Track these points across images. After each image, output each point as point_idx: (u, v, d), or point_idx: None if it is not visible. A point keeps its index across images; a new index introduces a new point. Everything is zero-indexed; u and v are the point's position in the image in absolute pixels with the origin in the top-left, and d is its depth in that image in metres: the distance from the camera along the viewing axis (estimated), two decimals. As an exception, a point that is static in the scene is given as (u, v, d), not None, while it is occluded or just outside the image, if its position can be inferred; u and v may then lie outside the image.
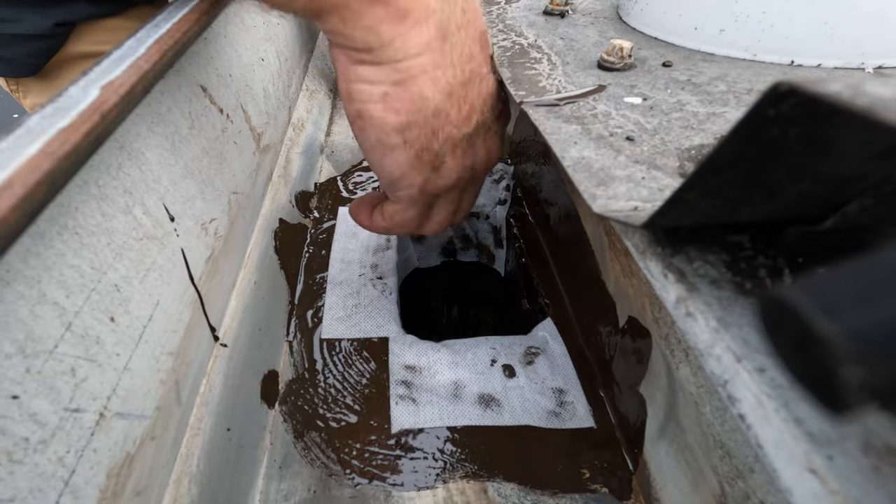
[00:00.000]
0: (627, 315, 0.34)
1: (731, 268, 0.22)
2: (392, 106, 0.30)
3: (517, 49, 0.47)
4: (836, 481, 0.15)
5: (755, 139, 0.15)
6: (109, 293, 0.23)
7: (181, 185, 0.32)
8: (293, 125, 0.63)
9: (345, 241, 0.53)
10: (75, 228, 0.22)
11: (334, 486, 0.33)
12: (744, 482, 0.23)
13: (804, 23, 0.41)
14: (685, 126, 0.33)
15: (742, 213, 0.21)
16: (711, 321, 0.20)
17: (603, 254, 0.38)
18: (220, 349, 0.34)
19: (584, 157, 0.30)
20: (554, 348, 0.43)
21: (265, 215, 0.47)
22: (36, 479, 0.18)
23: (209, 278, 0.34)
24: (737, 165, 0.17)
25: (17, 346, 0.18)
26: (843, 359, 0.08)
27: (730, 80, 0.40)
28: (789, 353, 0.10)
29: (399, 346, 0.42)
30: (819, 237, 0.21)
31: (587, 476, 0.34)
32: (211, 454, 0.30)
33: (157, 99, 0.31)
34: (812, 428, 0.16)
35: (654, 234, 0.23)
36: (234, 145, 0.41)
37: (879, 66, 0.42)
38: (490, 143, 0.35)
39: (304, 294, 0.48)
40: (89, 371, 0.21)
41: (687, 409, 0.28)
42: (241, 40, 0.49)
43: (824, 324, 0.09)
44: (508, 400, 0.38)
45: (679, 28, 0.47)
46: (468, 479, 0.34)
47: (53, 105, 0.21)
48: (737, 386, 0.18)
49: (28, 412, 0.18)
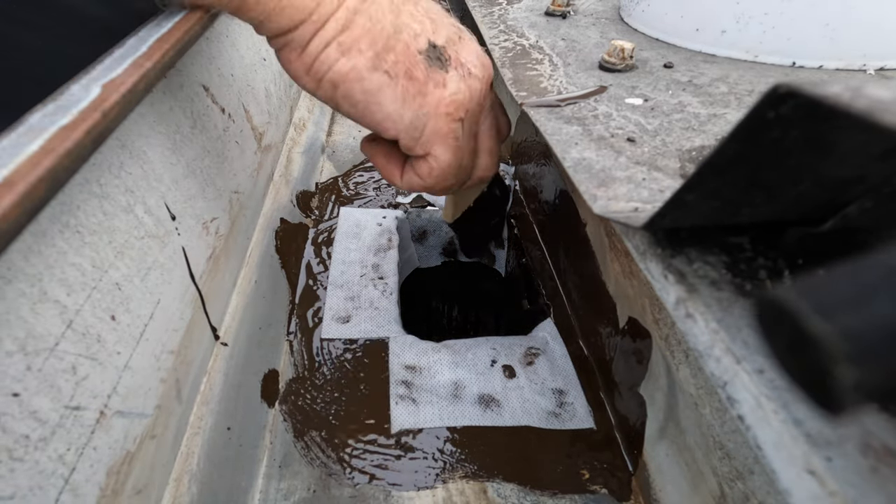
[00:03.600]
0: (627, 316, 0.34)
1: (732, 269, 0.22)
2: (352, 49, 0.29)
3: (518, 50, 0.47)
4: (835, 482, 0.15)
5: (755, 141, 0.15)
6: (110, 291, 0.24)
7: (183, 184, 0.32)
8: (294, 125, 0.63)
9: (346, 241, 0.53)
10: (77, 227, 0.22)
11: (334, 486, 0.33)
12: (743, 483, 0.23)
13: (806, 24, 0.41)
14: (686, 127, 0.33)
15: (742, 214, 0.21)
16: (711, 322, 0.20)
17: (603, 255, 0.38)
18: (221, 348, 0.34)
19: (585, 158, 0.30)
20: (554, 349, 0.43)
21: (266, 215, 0.47)
22: (36, 477, 0.18)
23: (210, 277, 0.34)
24: (737, 167, 0.17)
25: (18, 344, 0.18)
26: (837, 359, 0.09)
27: (731, 82, 0.40)
28: (785, 354, 0.10)
29: (399, 346, 0.42)
30: (819, 239, 0.21)
31: (587, 477, 0.34)
32: (211, 453, 0.30)
33: (158, 98, 0.31)
34: (811, 429, 0.16)
35: (654, 236, 0.23)
36: (235, 145, 0.41)
37: (881, 67, 0.42)
38: (469, 52, 0.33)
39: (304, 293, 0.48)
40: (90, 369, 0.22)
41: (687, 410, 0.28)
42: (242, 40, 0.49)
43: (818, 324, 0.09)
44: (508, 400, 0.38)
45: (680, 29, 0.47)
46: (468, 480, 0.34)
47: (55, 103, 0.21)
48: (736, 387, 0.18)
49: (28, 410, 0.18)
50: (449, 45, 0.32)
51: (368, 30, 0.29)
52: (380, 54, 0.29)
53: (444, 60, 0.31)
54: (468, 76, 0.32)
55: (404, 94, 0.30)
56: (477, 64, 0.33)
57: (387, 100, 0.30)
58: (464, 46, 0.33)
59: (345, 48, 0.29)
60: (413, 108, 0.31)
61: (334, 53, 0.29)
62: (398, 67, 0.30)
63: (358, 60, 0.29)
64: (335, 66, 0.29)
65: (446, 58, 0.32)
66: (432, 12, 0.32)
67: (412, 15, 0.31)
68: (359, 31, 0.29)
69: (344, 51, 0.29)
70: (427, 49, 0.31)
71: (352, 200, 0.60)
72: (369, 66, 0.29)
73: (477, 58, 0.33)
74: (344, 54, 0.29)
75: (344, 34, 0.29)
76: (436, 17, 0.32)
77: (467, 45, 0.33)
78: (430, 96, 0.31)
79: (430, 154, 0.34)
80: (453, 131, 0.33)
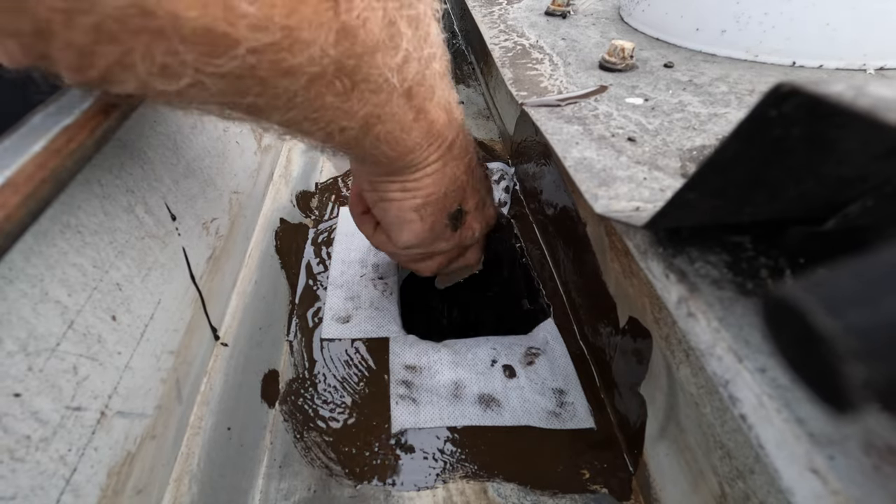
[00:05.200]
0: (628, 315, 0.34)
1: (733, 268, 0.22)
2: (409, 192, 0.36)
3: (519, 49, 0.47)
4: (838, 481, 0.15)
5: (757, 140, 0.15)
6: (111, 292, 0.24)
7: (183, 184, 0.32)
8: (294, 125, 0.63)
9: (346, 241, 0.53)
10: (78, 227, 0.22)
11: (334, 486, 0.33)
12: (744, 483, 0.23)
13: (806, 24, 0.41)
14: (687, 127, 0.33)
15: (744, 213, 0.21)
16: (713, 321, 0.20)
17: (604, 254, 0.38)
18: (221, 348, 0.34)
19: (586, 158, 0.30)
20: (554, 349, 0.43)
21: (266, 215, 0.47)
22: (37, 477, 0.18)
23: (210, 277, 0.34)
24: (739, 166, 0.17)
25: (20, 344, 0.18)
26: (845, 356, 0.09)
27: (731, 81, 0.40)
28: (792, 352, 0.10)
29: (399, 345, 0.42)
30: (821, 238, 0.21)
31: (587, 476, 0.34)
32: (211, 453, 0.30)
33: (159, 98, 0.31)
34: (813, 428, 0.16)
35: (655, 235, 0.23)
36: (235, 145, 0.41)
37: (881, 67, 0.42)
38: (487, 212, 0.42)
39: (304, 294, 0.48)
40: (91, 369, 0.22)
41: (687, 409, 0.28)
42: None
43: (827, 321, 0.09)
44: (508, 400, 0.38)
45: (681, 29, 0.47)
46: (468, 480, 0.34)
47: (57, 103, 0.21)
48: (738, 386, 0.18)
49: (30, 410, 0.18)
50: (472, 212, 0.40)
51: (428, 187, 0.36)
52: (425, 205, 0.36)
53: (459, 224, 0.40)
54: (470, 237, 0.41)
55: (419, 233, 0.38)
56: (483, 227, 0.42)
57: (407, 231, 0.38)
58: (483, 213, 0.41)
59: (406, 190, 0.36)
60: (418, 241, 0.39)
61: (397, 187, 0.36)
62: (429, 218, 0.37)
63: (408, 199, 0.36)
64: (391, 192, 0.36)
65: (462, 222, 0.40)
66: (475, 180, 0.39)
67: (462, 187, 0.38)
68: (422, 186, 0.36)
69: (404, 190, 0.36)
70: (454, 214, 0.38)
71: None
72: (413, 207, 0.36)
73: (488, 220, 0.42)
74: (402, 191, 0.36)
75: (412, 183, 0.35)
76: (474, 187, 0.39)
77: (487, 211, 0.42)
78: (434, 242, 0.40)
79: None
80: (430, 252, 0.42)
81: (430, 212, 0.37)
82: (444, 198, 0.37)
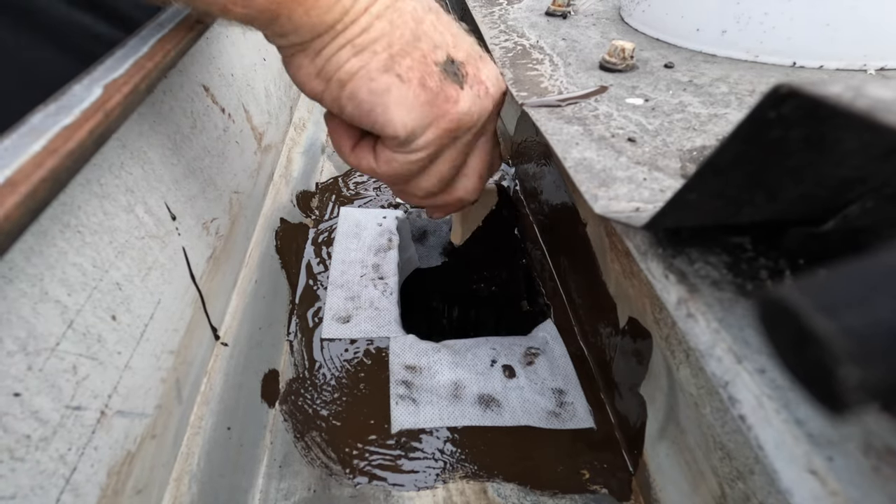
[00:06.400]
0: (628, 316, 0.34)
1: (733, 269, 0.22)
2: (366, 50, 0.28)
3: (519, 50, 0.47)
4: (837, 482, 0.15)
5: (757, 141, 0.15)
6: (111, 291, 0.24)
7: (183, 184, 0.32)
8: (294, 125, 0.63)
9: (346, 241, 0.53)
10: (77, 226, 0.22)
11: (334, 486, 0.33)
12: (744, 483, 0.23)
13: (806, 24, 0.41)
14: (687, 127, 0.33)
15: (744, 214, 0.21)
16: (712, 322, 0.20)
17: (603, 255, 0.38)
18: (221, 348, 0.34)
19: (586, 158, 0.30)
20: (554, 349, 0.43)
21: (266, 215, 0.47)
22: (37, 477, 0.18)
23: (210, 277, 0.34)
24: (738, 167, 0.17)
25: (19, 344, 0.18)
26: (840, 358, 0.09)
27: (731, 82, 0.40)
28: (788, 354, 0.10)
29: (399, 346, 0.42)
30: (820, 239, 0.21)
31: (587, 477, 0.34)
32: (211, 453, 0.30)
33: (159, 98, 0.31)
34: (812, 429, 0.16)
35: (655, 236, 0.23)
36: (235, 145, 0.41)
37: (881, 67, 0.42)
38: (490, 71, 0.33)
39: (304, 294, 0.48)
40: (91, 369, 0.22)
41: (687, 410, 0.28)
42: (242, 40, 0.49)
43: (822, 323, 0.09)
44: (508, 400, 0.38)
45: (681, 29, 0.47)
46: (468, 480, 0.34)
47: (57, 103, 0.21)
48: (737, 387, 0.18)
49: (30, 410, 0.18)
50: (469, 62, 0.32)
51: (386, 33, 0.29)
52: (394, 57, 0.29)
53: (460, 76, 0.31)
54: (484, 95, 0.32)
55: (412, 101, 0.29)
56: (494, 83, 0.33)
57: (392, 102, 0.29)
58: (485, 65, 0.33)
59: (359, 49, 0.28)
60: (417, 116, 0.30)
61: (347, 54, 0.28)
62: (411, 73, 0.29)
63: (370, 60, 0.29)
64: (346, 65, 0.29)
65: (463, 74, 0.31)
66: (454, 28, 0.32)
67: (434, 26, 0.30)
68: (376, 34, 0.28)
69: (358, 51, 0.28)
70: (444, 62, 0.30)
71: (352, 200, 0.60)
72: (381, 67, 0.29)
73: (496, 78, 0.33)
74: (357, 54, 0.28)
75: (361, 36, 0.28)
76: (457, 34, 0.32)
77: (489, 65, 0.33)
78: (438, 108, 0.30)
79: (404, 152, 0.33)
80: (433, 153, 0.33)
81: (406, 65, 0.29)
82: (416, 42, 0.29)
